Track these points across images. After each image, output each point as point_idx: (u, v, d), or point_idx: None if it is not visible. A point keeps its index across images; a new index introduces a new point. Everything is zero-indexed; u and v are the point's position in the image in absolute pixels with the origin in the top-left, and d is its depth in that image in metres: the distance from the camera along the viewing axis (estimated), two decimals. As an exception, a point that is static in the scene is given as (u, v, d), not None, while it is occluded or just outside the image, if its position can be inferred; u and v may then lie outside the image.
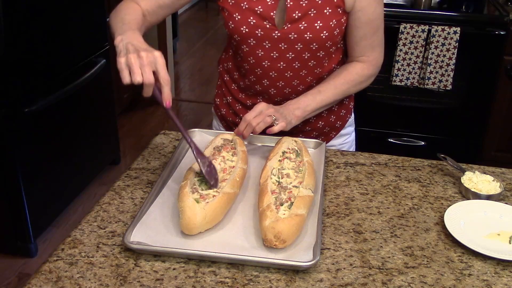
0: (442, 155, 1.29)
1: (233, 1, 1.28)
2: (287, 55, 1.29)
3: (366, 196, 1.17)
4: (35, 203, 2.41)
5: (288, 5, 1.25)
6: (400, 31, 2.77)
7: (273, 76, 1.33)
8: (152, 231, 1.00)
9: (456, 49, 2.76)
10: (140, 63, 1.01)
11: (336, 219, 1.09)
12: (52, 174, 2.55)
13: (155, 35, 4.02)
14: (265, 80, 1.34)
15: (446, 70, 2.81)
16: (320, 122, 1.44)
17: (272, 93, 1.36)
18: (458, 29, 2.72)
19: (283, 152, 1.19)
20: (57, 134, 2.57)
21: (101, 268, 0.93)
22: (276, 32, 1.27)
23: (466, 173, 1.22)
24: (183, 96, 4.49)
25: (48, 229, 2.62)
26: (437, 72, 2.82)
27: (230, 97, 1.46)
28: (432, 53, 2.78)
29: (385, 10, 1.35)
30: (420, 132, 3.09)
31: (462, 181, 1.19)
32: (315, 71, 1.34)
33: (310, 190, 1.06)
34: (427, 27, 2.75)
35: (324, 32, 1.26)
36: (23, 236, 2.43)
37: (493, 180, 1.19)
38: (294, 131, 1.39)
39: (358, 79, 1.36)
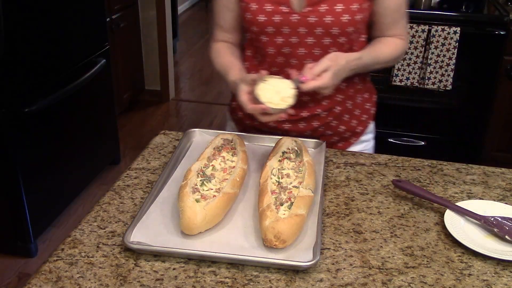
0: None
1: None
2: (307, 40, 1.28)
3: (366, 196, 1.17)
4: (35, 203, 2.41)
5: None
6: (400, 31, 2.77)
7: (293, 63, 1.31)
8: (152, 231, 1.00)
9: (456, 49, 2.76)
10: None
11: (336, 219, 1.09)
12: (52, 174, 2.55)
13: (155, 35, 4.02)
14: (287, 69, 1.32)
15: (446, 70, 2.81)
16: (341, 126, 1.42)
17: None
18: (458, 29, 2.72)
19: (283, 152, 1.19)
20: (57, 134, 2.57)
21: (101, 268, 0.93)
22: (295, 15, 1.25)
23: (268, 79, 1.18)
24: (183, 96, 4.49)
25: (48, 229, 2.63)
26: (437, 72, 2.82)
27: None
28: (432, 53, 2.78)
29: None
30: (420, 132, 3.09)
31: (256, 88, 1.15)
32: None
33: (310, 190, 1.06)
34: (427, 27, 2.75)
35: (345, 15, 1.24)
36: (23, 236, 2.43)
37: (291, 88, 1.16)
38: (315, 134, 1.38)
39: (397, 49, 1.38)
